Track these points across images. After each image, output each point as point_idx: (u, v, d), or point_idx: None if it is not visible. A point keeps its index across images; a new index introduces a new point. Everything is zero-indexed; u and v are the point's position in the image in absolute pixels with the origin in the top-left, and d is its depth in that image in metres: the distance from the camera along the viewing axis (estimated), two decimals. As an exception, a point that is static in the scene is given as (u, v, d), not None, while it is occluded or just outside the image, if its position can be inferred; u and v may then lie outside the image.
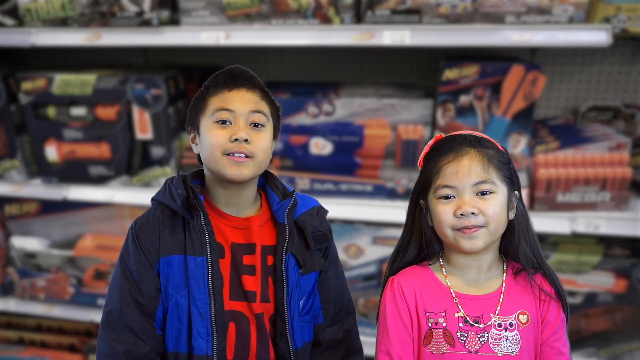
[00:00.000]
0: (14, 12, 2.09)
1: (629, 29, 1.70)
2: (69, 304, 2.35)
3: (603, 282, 1.90)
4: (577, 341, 1.95)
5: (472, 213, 0.94)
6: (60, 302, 2.36)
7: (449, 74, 1.81)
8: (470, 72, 1.80)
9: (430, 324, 0.98)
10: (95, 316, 2.31)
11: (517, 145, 1.84)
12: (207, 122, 1.06)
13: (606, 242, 1.95)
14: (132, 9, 1.94)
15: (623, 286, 1.90)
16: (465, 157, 0.96)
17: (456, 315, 0.97)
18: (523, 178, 1.83)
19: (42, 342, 2.52)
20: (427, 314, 0.98)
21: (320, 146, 1.96)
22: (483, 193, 0.95)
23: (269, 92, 1.11)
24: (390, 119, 1.91)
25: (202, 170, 1.13)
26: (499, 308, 0.97)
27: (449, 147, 0.98)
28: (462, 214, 0.94)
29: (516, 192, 1.00)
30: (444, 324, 0.97)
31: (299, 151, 1.96)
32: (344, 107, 1.93)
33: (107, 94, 2.05)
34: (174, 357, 1.08)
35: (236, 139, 1.03)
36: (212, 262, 1.06)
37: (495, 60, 1.86)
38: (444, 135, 1.03)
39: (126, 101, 2.04)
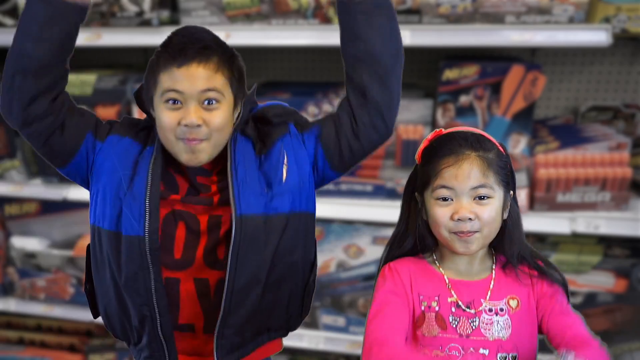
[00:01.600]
0: (14, 12, 2.09)
1: (629, 29, 1.70)
2: (69, 304, 2.35)
3: (603, 282, 1.91)
4: (577, 341, 1.95)
5: (469, 219, 0.94)
6: (60, 302, 2.35)
7: (449, 74, 1.81)
8: (470, 72, 1.80)
9: (423, 307, 0.99)
10: (95, 316, 2.31)
11: (517, 145, 1.84)
12: (158, 101, 1.01)
13: (606, 242, 1.95)
14: (132, 9, 1.94)
15: (623, 286, 1.90)
16: (466, 162, 0.95)
17: (449, 300, 0.99)
18: (523, 178, 1.83)
19: (42, 342, 2.52)
20: (421, 297, 1.00)
21: (320, 146, 1.95)
22: (481, 197, 0.95)
23: (230, 53, 1.06)
24: (390, 119, 1.90)
25: None
26: (489, 294, 0.99)
27: (449, 148, 0.98)
28: (459, 219, 0.94)
29: (511, 192, 1.01)
30: (437, 308, 0.99)
31: (299, 151, 1.96)
32: (344, 107, 1.93)
33: (107, 94, 2.05)
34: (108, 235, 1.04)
35: (186, 125, 0.98)
36: (157, 152, 1.04)
37: (495, 60, 1.86)
38: (443, 130, 1.03)
39: (126, 101, 2.04)
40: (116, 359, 2.39)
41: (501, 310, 0.98)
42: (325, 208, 1.91)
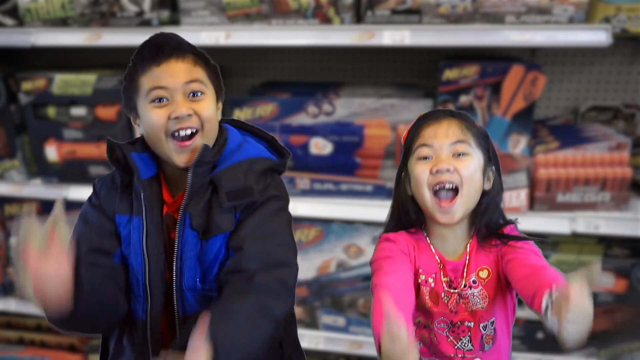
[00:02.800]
0: (14, 12, 2.09)
1: (629, 29, 1.70)
2: (69, 304, 2.34)
3: (603, 282, 1.91)
4: (577, 341, 1.95)
5: (447, 170, 0.98)
6: (60, 302, 2.35)
7: (449, 74, 1.81)
8: (470, 72, 1.80)
9: (420, 280, 1.03)
10: (95, 316, 2.31)
11: (517, 145, 1.84)
12: (143, 104, 1.00)
13: (606, 242, 1.95)
14: (132, 9, 1.94)
15: (623, 286, 1.90)
16: (445, 121, 1.01)
17: (443, 279, 1.03)
18: (523, 178, 1.83)
19: (42, 342, 2.52)
20: (420, 270, 1.03)
21: (320, 146, 1.95)
22: (459, 154, 0.99)
23: (202, 52, 1.05)
24: (390, 119, 1.91)
25: None
26: (465, 270, 1.03)
27: (430, 114, 1.05)
28: (437, 171, 0.98)
29: (493, 167, 1.04)
30: (432, 285, 1.03)
31: (299, 151, 1.96)
32: (344, 107, 1.93)
33: (107, 94, 2.05)
34: (129, 320, 1.05)
35: (177, 117, 0.97)
36: (147, 222, 1.00)
37: (495, 60, 1.86)
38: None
39: (126, 101, 2.04)
40: None
41: (474, 282, 1.02)
42: (325, 208, 1.92)
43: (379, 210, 1.93)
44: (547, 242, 1.97)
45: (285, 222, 1.05)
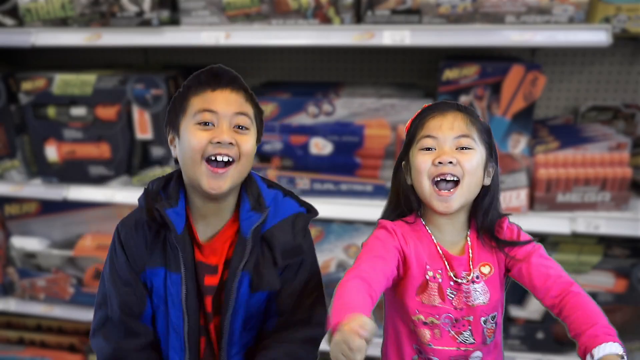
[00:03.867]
0: (14, 12, 2.09)
1: (629, 29, 1.70)
2: (69, 304, 2.35)
3: (603, 282, 1.90)
4: (577, 341, 1.95)
5: (450, 162, 0.98)
6: (60, 302, 2.35)
7: (449, 74, 1.81)
8: (470, 72, 1.80)
9: (428, 277, 1.02)
10: (95, 316, 2.31)
11: (517, 145, 1.84)
12: (188, 124, 1.01)
13: (606, 242, 1.95)
14: (132, 9, 1.94)
15: (623, 286, 1.90)
16: (451, 114, 1.01)
17: (448, 274, 1.02)
18: (523, 178, 1.83)
19: (42, 342, 2.52)
20: (427, 266, 1.02)
21: (320, 146, 1.95)
22: (463, 148, 0.99)
23: (253, 93, 1.07)
24: (390, 119, 1.91)
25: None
26: (471, 264, 1.03)
27: (435, 106, 1.04)
28: (440, 162, 0.98)
29: (494, 163, 1.04)
30: (440, 280, 1.02)
31: (299, 151, 1.96)
32: (344, 107, 1.93)
33: (107, 94, 2.05)
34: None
35: (219, 142, 0.98)
36: (187, 279, 1.02)
37: (495, 60, 1.86)
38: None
39: (126, 101, 2.04)
40: (116, 359, 2.39)
41: (477, 277, 1.02)
42: (325, 208, 1.91)
43: (379, 210, 1.93)
44: (543, 241, 1.97)
45: (320, 286, 1.13)
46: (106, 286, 1.08)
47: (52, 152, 2.16)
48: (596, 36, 1.64)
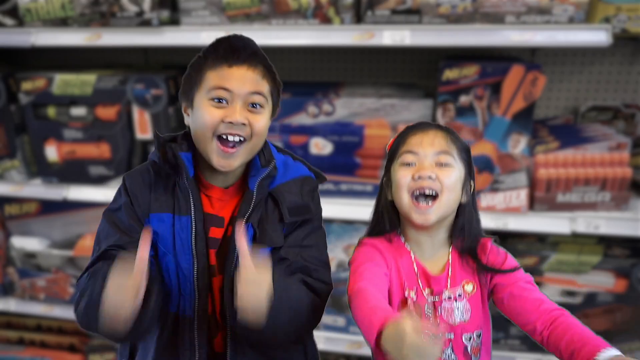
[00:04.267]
0: (14, 12, 2.09)
1: (629, 29, 1.70)
2: (69, 304, 2.35)
3: (603, 282, 1.90)
4: (577, 341, 1.95)
5: (429, 177, 0.99)
6: (60, 302, 2.36)
7: (449, 74, 1.81)
8: (470, 72, 1.80)
9: (406, 294, 1.03)
10: (95, 316, 2.31)
11: (517, 145, 1.84)
12: (202, 98, 1.00)
13: (606, 242, 1.95)
14: (132, 9, 1.94)
15: (623, 286, 1.90)
16: (432, 132, 1.04)
17: (424, 292, 1.03)
18: (523, 178, 1.83)
19: (42, 342, 2.52)
20: (405, 283, 1.04)
21: (320, 146, 1.96)
22: (442, 164, 1.01)
23: (272, 66, 1.05)
24: (390, 119, 1.91)
25: None
26: (449, 282, 1.04)
27: (417, 125, 1.07)
28: (419, 177, 1.00)
29: (471, 181, 1.06)
30: (414, 298, 1.03)
31: (299, 151, 1.96)
32: (344, 107, 1.93)
33: (107, 94, 2.05)
34: (164, 316, 1.05)
35: (231, 122, 0.98)
36: (196, 222, 1.02)
37: (495, 60, 1.86)
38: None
39: (126, 101, 2.04)
40: (116, 359, 2.39)
41: (459, 296, 1.03)
42: (325, 208, 1.90)
43: (379, 210, 1.93)
44: (543, 241, 1.97)
45: (322, 237, 1.13)
46: (102, 237, 1.05)
47: (52, 152, 2.16)
48: (596, 36, 1.64)
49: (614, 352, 0.85)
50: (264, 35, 1.84)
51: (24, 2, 2.02)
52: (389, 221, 1.07)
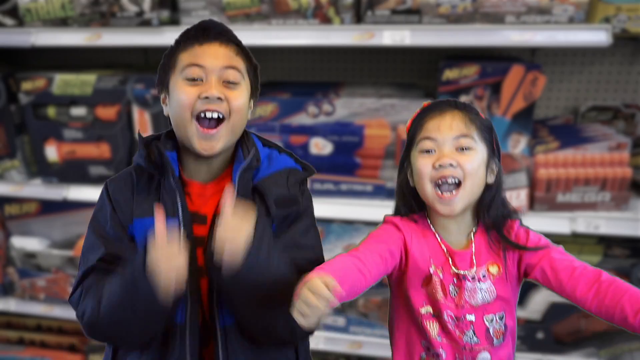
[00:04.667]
0: (14, 12, 2.09)
1: (629, 29, 1.70)
2: (69, 304, 2.34)
3: (603, 282, 1.90)
4: (577, 341, 1.95)
5: (451, 165, 0.97)
6: (60, 302, 2.35)
7: (449, 74, 1.81)
8: (470, 72, 1.80)
9: (432, 270, 1.01)
10: (95, 316, 2.31)
11: (517, 145, 1.84)
12: (176, 80, 0.98)
13: (606, 242, 1.95)
14: (132, 9, 1.94)
15: (623, 286, 1.90)
16: (449, 114, 1.00)
17: (451, 271, 1.01)
18: (523, 178, 1.83)
19: (42, 342, 2.52)
20: (431, 259, 1.01)
21: (320, 146, 1.96)
22: (463, 149, 0.98)
23: (246, 48, 1.03)
24: (390, 119, 1.91)
25: None
26: (474, 262, 1.01)
27: (434, 106, 1.03)
28: (440, 165, 0.97)
29: (496, 159, 1.04)
30: (441, 276, 1.01)
31: (299, 151, 1.96)
32: (344, 107, 1.93)
33: (107, 94, 2.05)
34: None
35: (207, 97, 0.95)
36: (185, 224, 0.98)
37: (495, 60, 1.86)
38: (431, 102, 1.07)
39: (126, 101, 2.04)
40: (116, 359, 2.39)
41: (483, 276, 1.01)
42: (325, 208, 1.91)
43: (379, 210, 1.93)
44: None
45: (317, 238, 1.10)
46: (88, 249, 1.02)
47: (52, 152, 2.16)
48: (596, 36, 1.64)
49: None
50: (264, 35, 1.84)
51: (24, 2, 2.02)
52: (414, 206, 1.06)
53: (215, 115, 0.97)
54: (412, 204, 1.06)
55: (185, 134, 0.98)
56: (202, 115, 0.97)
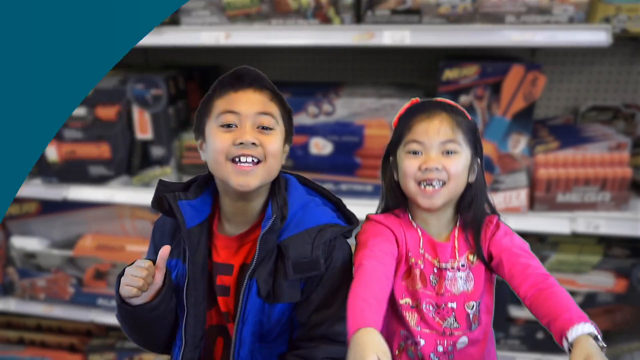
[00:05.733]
0: (14, 12, 2.08)
1: (629, 29, 1.70)
2: (69, 304, 2.35)
3: (603, 282, 1.91)
4: (577, 341, 1.95)
5: (436, 168, 1.01)
6: (60, 302, 2.36)
7: (449, 74, 1.81)
8: (470, 72, 1.80)
9: (410, 263, 1.06)
10: (95, 316, 2.31)
11: (517, 145, 1.84)
12: (212, 126, 0.99)
13: (606, 242, 1.95)
14: (132, 9, 1.94)
15: (623, 286, 1.90)
16: (437, 118, 1.04)
17: (430, 260, 1.06)
18: (523, 178, 1.83)
19: (42, 342, 2.52)
20: (410, 253, 1.06)
21: (320, 146, 1.96)
22: (448, 152, 1.02)
23: (280, 93, 1.05)
24: (390, 119, 1.91)
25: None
26: (456, 253, 1.06)
27: (423, 107, 1.07)
28: (426, 168, 1.01)
29: (478, 159, 1.07)
30: (422, 267, 1.05)
31: (299, 151, 1.96)
32: (344, 107, 1.93)
33: (107, 94, 2.05)
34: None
35: (241, 143, 0.96)
36: (194, 273, 1.01)
37: (495, 60, 1.86)
38: (419, 99, 1.11)
39: (126, 101, 2.04)
40: (116, 359, 2.40)
41: (462, 266, 1.05)
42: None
43: (379, 210, 1.93)
44: (543, 241, 1.97)
45: (345, 301, 1.03)
46: None
47: (52, 152, 2.16)
48: (596, 36, 1.64)
49: (583, 328, 0.85)
50: (264, 35, 1.84)
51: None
52: (397, 199, 1.10)
53: (249, 160, 0.98)
54: (400, 199, 1.10)
55: (221, 174, 0.99)
56: (237, 159, 0.98)
